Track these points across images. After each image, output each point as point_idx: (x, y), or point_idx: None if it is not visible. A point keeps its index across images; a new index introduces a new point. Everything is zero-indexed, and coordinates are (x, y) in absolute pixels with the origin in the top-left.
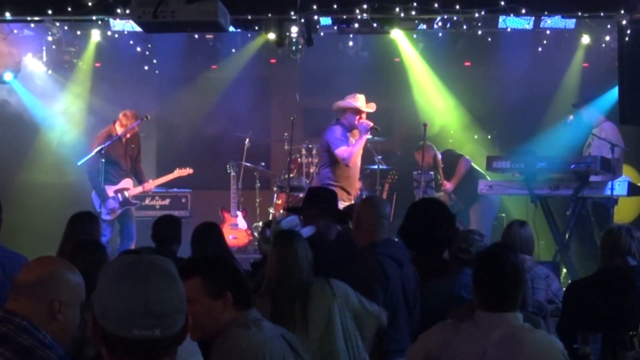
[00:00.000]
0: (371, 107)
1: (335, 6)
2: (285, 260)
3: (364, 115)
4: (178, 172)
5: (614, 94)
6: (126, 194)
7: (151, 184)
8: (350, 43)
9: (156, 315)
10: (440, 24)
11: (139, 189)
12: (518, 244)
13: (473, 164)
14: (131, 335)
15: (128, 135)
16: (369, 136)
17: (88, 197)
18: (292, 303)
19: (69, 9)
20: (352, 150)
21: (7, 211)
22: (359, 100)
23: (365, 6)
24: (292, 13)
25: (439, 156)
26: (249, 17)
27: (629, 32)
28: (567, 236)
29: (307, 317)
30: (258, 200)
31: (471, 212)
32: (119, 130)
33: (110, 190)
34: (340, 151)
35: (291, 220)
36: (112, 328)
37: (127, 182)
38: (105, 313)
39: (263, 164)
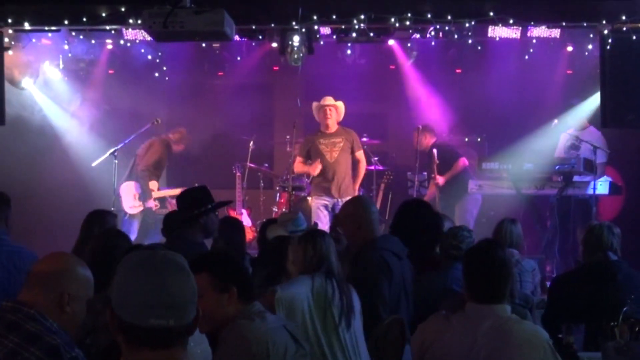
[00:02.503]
0: (320, 102)
1: (334, 17)
2: (327, 255)
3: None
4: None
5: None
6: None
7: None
8: (349, 51)
9: (170, 306)
10: (432, 33)
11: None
12: (509, 240)
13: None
14: (147, 325)
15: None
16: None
17: (102, 197)
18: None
19: (84, 20)
20: None
21: (26, 212)
22: None
23: (362, 17)
24: (294, 23)
25: (435, 152)
26: (253, 27)
27: (610, 41)
28: (552, 232)
29: None
30: (262, 199)
31: (457, 208)
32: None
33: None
34: None
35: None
36: (129, 318)
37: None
38: (123, 304)
39: (266, 164)
